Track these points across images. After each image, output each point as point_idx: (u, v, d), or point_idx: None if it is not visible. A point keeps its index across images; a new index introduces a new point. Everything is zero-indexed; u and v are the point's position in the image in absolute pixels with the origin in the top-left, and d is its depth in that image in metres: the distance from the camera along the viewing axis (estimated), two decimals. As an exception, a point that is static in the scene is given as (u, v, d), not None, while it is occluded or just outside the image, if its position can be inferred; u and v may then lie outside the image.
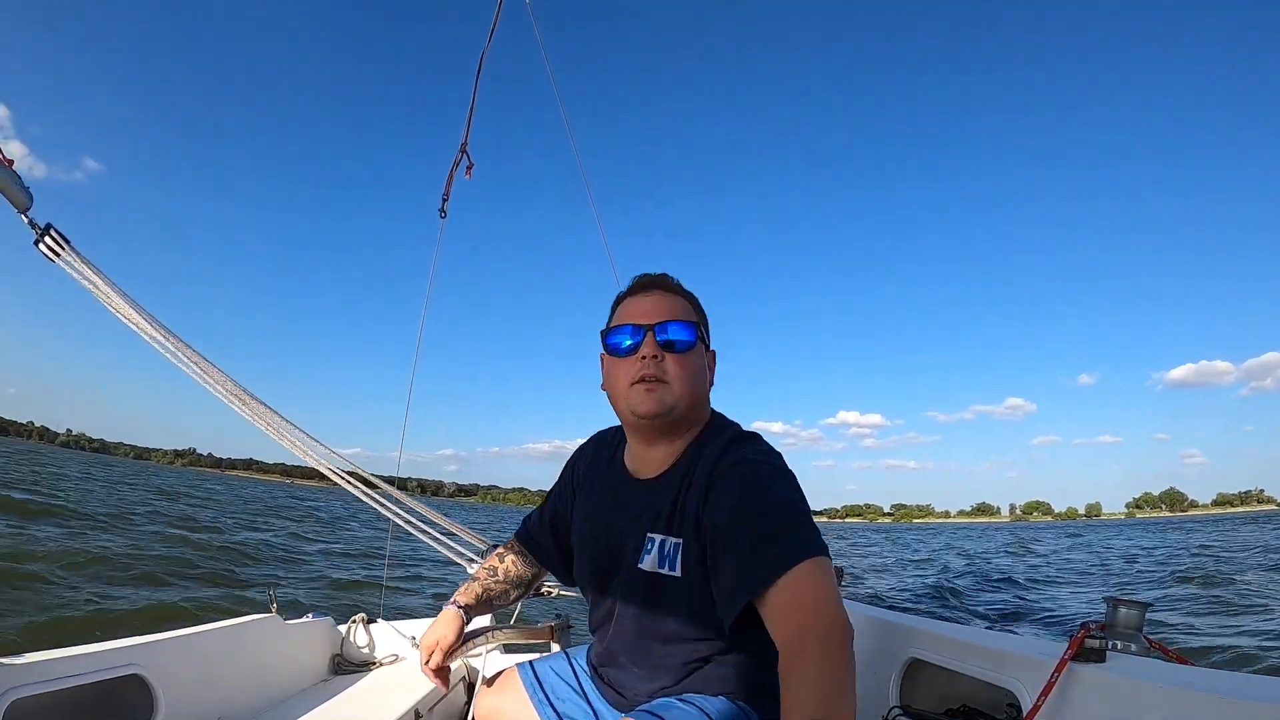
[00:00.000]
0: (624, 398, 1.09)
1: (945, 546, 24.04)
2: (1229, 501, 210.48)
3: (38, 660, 1.23)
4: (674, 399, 1.06)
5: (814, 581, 0.91)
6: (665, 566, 1.06)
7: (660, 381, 1.06)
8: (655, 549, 1.08)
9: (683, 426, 1.11)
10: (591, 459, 1.29)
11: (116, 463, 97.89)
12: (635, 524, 1.12)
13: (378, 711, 1.72)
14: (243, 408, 1.65)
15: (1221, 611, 7.00)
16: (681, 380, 1.07)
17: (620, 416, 1.14)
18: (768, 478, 1.02)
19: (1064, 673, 1.21)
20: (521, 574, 1.38)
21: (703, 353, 1.12)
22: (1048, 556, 17.53)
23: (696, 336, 1.10)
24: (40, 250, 1.33)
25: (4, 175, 1.24)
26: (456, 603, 1.31)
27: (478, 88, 2.93)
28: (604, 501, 1.20)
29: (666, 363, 1.07)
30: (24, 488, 13.86)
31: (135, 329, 1.42)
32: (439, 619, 1.29)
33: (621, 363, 1.09)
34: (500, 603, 1.38)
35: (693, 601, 1.05)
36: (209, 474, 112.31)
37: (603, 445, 1.29)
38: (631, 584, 1.11)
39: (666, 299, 1.11)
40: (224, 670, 1.64)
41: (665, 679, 1.10)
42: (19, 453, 42.56)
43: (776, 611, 0.90)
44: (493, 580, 1.36)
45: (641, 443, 1.14)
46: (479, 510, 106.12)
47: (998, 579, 11.14)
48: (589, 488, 1.26)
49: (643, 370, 1.06)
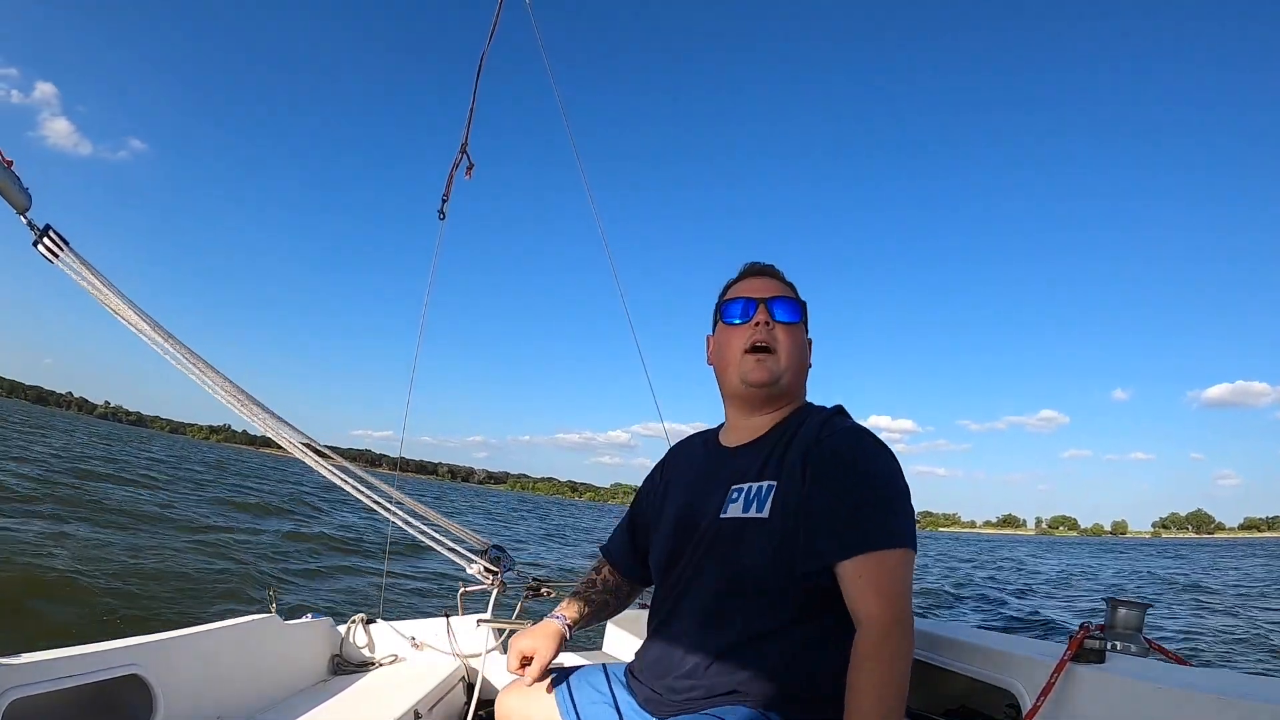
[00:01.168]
0: (736, 365, 1.17)
1: (940, 555, 24.36)
2: (1256, 526, 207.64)
3: (37, 660, 1.23)
4: (781, 369, 1.15)
5: (905, 573, 0.99)
6: (752, 509, 1.08)
7: (769, 352, 1.15)
8: (741, 496, 1.11)
9: (784, 400, 1.18)
10: (685, 451, 1.34)
11: (155, 436, 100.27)
12: (721, 485, 1.15)
13: (377, 711, 1.72)
14: (245, 412, 1.66)
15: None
16: (789, 352, 1.16)
17: (727, 387, 1.21)
18: (887, 455, 1.08)
19: (1063, 673, 1.21)
20: (619, 584, 1.39)
21: (805, 333, 1.22)
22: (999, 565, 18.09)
23: (801, 317, 1.20)
24: (39, 251, 1.33)
25: (4, 177, 1.24)
26: (560, 615, 1.28)
27: (478, 88, 2.93)
28: (693, 478, 1.23)
29: (776, 332, 1.16)
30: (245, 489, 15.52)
31: (133, 329, 1.42)
32: (538, 628, 1.25)
33: (736, 331, 1.18)
34: (601, 616, 1.37)
35: (774, 547, 1.04)
36: (246, 450, 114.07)
37: (695, 438, 1.35)
38: (711, 538, 1.11)
39: (777, 283, 1.22)
40: (223, 670, 1.64)
41: (721, 656, 1.06)
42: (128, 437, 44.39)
43: (868, 584, 0.97)
44: (592, 592, 1.36)
45: (742, 414, 1.20)
46: (507, 497, 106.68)
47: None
48: (680, 473, 1.29)
49: (754, 337, 1.15)
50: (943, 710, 1.54)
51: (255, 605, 5.11)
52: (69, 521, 7.15)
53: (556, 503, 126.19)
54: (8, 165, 1.26)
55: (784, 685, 1.03)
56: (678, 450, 1.37)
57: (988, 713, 1.49)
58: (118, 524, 7.77)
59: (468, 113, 2.94)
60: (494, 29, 2.89)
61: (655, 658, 1.16)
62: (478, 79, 2.90)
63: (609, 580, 1.39)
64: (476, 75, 2.90)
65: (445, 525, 2.08)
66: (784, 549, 1.03)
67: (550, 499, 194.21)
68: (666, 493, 1.29)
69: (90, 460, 16.36)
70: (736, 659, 1.05)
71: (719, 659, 1.07)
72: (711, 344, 1.25)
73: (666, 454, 1.39)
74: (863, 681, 0.93)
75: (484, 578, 2.14)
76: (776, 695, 1.03)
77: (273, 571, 6.88)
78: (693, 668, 1.08)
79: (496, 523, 23.30)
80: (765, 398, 1.16)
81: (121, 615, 4.38)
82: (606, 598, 1.36)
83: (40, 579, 4.67)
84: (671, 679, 1.10)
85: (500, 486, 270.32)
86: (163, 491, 12.37)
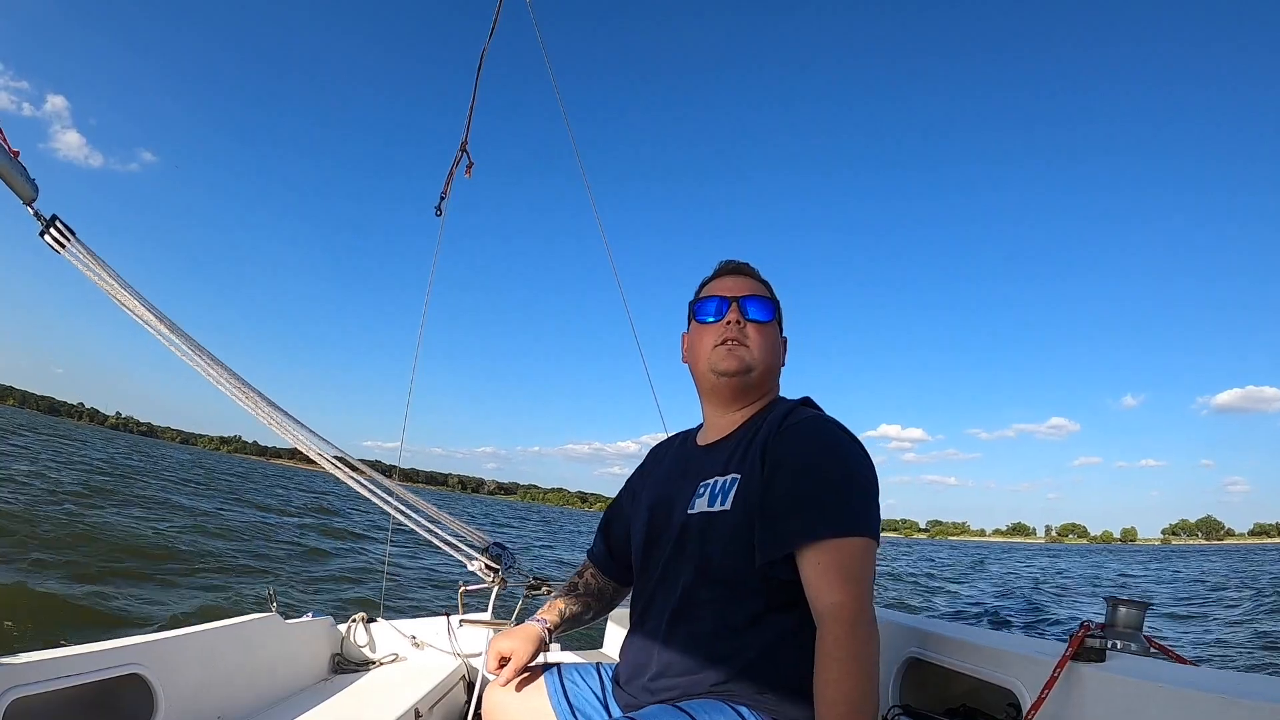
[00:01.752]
0: (707, 358, 1.19)
1: (922, 558, 24.97)
2: (1266, 531, 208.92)
3: (38, 659, 1.22)
4: (752, 360, 1.16)
5: (865, 563, 0.98)
6: (716, 504, 1.09)
7: (741, 344, 1.16)
8: (707, 491, 1.12)
9: (755, 394, 1.20)
10: (661, 452, 1.36)
11: (167, 447, 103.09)
12: (690, 482, 1.17)
13: (377, 711, 1.71)
14: (246, 402, 1.64)
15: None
16: (760, 347, 1.17)
17: (700, 381, 1.23)
18: (849, 442, 1.08)
19: (1064, 672, 1.22)
20: (602, 588, 1.40)
21: (778, 331, 1.24)
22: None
23: (774, 315, 1.22)
24: (45, 241, 1.31)
25: (10, 166, 1.22)
26: (541, 619, 1.29)
27: (478, 86, 2.93)
28: (665, 477, 1.25)
29: (748, 329, 1.18)
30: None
31: (141, 321, 1.40)
32: (517, 630, 1.26)
33: (708, 329, 1.20)
34: (583, 619, 1.38)
35: (737, 540, 1.05)
36: (255, 461, 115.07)
37: (673, 439, 1.36)
38: (679, 535, 1.13)
39: (749, 281, 1.23)
40: (224, 669, 1.62)
41: (693, 651, 1.07)
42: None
43: (826, 573, 0.96)
44: (574, 595, 1.37)
45: (716, 408, 1.22)
46: (516, 508, 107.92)
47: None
48: (654, 473, 1.31)
49: (726, 334, 1.17)
50: (943, 709, 1.56)
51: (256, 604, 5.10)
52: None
53: (566, 513, 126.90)
54: (14, 155, 1.25)
55: (757, 679, 1.04)
56: (655, 451, 1.39)
57: (988, 712, 1.50)
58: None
59: (468, 112, 2.94)
60: (494, 28, 2.89)
61: (631, 658, 1.18)
62: (478, 78, 2.90)
63: (591, 583, 1.40)
64: (476, 75, 2.90)
65: (447, 522, 2.08)
66: (746, 541, 1.04)
67: (560, 509, 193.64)
68: (641, 493, 1.31)
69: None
70: (708, 653, 1.06)
71: (691, 654, 1.07)
72: (686, 341, 1.26)
73: (646, 456, 1.41)
74: (827, 678, 0.92)
75: (485, 575, 2.13)
76: (750, 689, 1.04)
77: (273, 570, 6.89)
78: (666, 665, 1.09)
79: (505, 531, 23.59)
80: (737, 388, 1.17)
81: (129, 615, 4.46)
82: (588, 600, 1.37)
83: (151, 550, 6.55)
84: (646, 680, 1.11)
85: (510, 497, 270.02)
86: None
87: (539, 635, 1.26)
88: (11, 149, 1.24)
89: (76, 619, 4.15)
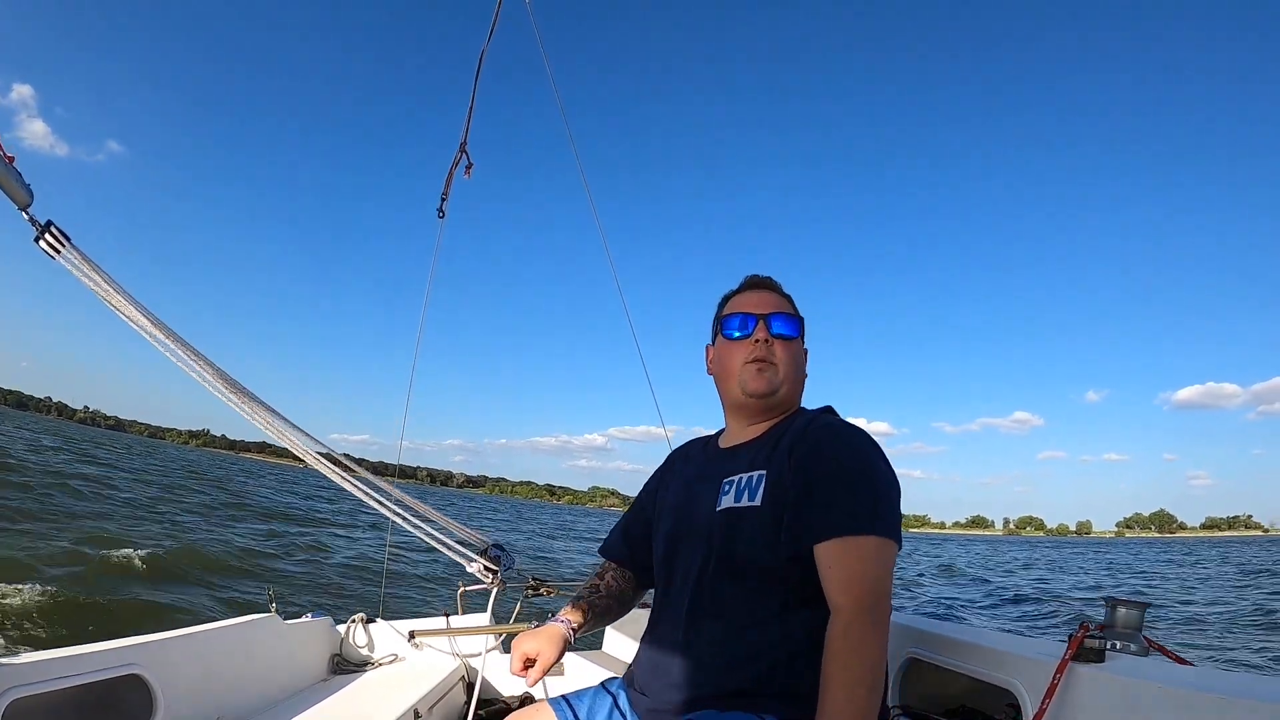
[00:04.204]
0: (736, 376, 1.21)
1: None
2: (1216, 525, 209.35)
3: (37, 660, 1.23)
4: (780, 380, 1.19)
5: (879, 561, 1.00)
6: (744, 499, 1.11)
7: (769, 363, 1.19)
8: (733, 488, 1.14)
9: (780, 410, 1.23)
10: (684, 453, 1.37)
11: (134, 441, 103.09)
12: (714, 481, 1.18)
13: (377, 711, 1.72)
14: (241, 406, 1.65)
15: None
16: (787, 365, 1.20)
17: (727, 396, 1.26)
18: (870, 447, 1.11)
19: (1064, 673, 1.21)
20: (624, 588, 1.39)
21: (803, 346, 1.26)
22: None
23: (799, 332, 1.24)
24: (40, 247, 1.32)
25: (6, 172, 1.23)
26: (564, 619, 1.28)
27: (477, 87, 2.93)
28: (689, 477, 1.27)
29: (775, 347, 1.20)
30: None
31: (135, 326, 1.41)
32: (541, 631, 1.25)
33: (736, 346, 1.22)
34: (605, 620, 1.37)
35: (768, 532, 1.07)
36: (223, 455, 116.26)
37: (695, 442, 1.38)
38: (706, 532, 1.13)
39: (775, 297, 1.26)
40: (223, 670, 1.63)
41: (717, 648, 1.06)
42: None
43: (840, 571, 0.99)
44: (596, 596, 1.36)
45: (741, 421, 1.24)
46: (489, 501, 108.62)
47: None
48: (677, 474, 1.32)
49: (755, 352, 1.19)
50: (943, 710, 1.55)
51: (255, 604, 5.13)
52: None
53: (535, 505, 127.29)
54: (9, 161, 1.26)
55: (783, 680, 1.03)
56: (677, 453, 1.40)
57: (988, 712, 1.49)
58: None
59: (467, 111, 2.94)
60: (493, 28, 2.89)
61: (653, 658, 1.16)
62: (477, 79, 2.90)
63: (612, 585, 1.39)
64: (476, 75, 2.90)
65: (445, 524, 2.08)
66: (775, 535, 1.06)
67: (529, 501, 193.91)
68: (664, 493, 1.31)
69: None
70: (734, 649, 1.06)
71: (716, 650, 1.07)
72: (711, 354, 1.29)
73: (667, 457, 1.42)
74: (831, 673, 0.94)
75: (484, 576, 2.13)
76: (775, 692, 1.03)
77: (272, 571, 6.93)
78: (690, 665, 1.09)
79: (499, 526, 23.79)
80: (764, 407, 1.20)
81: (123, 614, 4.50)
82: (610, 601, 1.37)
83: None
84: (671, 679, 1.10)
85: (479, 490, 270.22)
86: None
87: (563, 635, 1.24)
88: (6, 155, 1.25)
89: (76, 619, 4.19)
